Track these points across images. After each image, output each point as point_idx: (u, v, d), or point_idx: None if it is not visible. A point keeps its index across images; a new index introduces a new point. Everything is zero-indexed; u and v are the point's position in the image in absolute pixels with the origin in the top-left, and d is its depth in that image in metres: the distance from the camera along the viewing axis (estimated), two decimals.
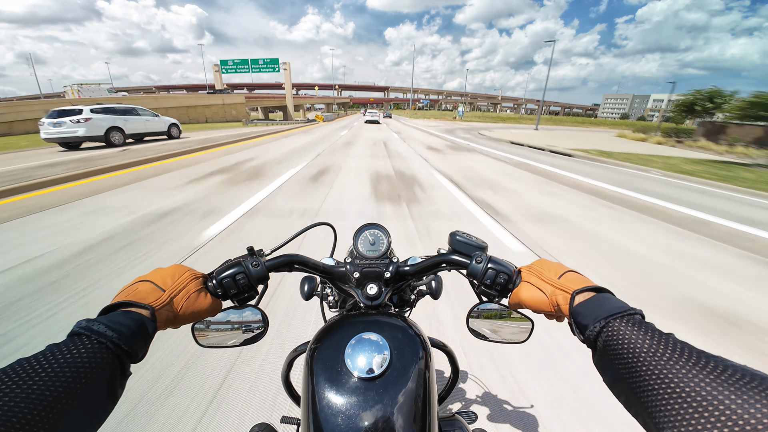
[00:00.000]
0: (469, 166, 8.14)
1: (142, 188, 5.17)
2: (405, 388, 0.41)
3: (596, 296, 0.40)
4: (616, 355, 0.33)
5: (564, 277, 0.45)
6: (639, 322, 0.34)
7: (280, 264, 0.55)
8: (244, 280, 0.50)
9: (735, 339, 2.02)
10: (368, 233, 0.66)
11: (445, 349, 0.66)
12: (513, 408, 1.45)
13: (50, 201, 4.40)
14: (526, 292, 0.47)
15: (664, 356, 0.29)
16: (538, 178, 6.95)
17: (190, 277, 0.47)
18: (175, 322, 0.44)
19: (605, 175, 7.80)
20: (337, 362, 0.43)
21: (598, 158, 10.57)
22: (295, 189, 5.32)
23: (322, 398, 0.40)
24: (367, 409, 0.38)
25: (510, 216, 4.23)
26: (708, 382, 0.25)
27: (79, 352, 0.30)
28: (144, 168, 6.86)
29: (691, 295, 2.49)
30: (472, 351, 1.77)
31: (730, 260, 3.20)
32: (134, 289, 0.42)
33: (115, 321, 0.35)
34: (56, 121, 8.58)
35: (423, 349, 0.46)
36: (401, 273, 0.59)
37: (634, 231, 3.88)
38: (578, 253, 3.17)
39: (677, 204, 5.25)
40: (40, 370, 0.28)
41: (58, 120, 8.59)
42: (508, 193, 5.51)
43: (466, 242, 0.56)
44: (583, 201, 5.20)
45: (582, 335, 0.38)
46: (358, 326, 0.48)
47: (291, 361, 0.66)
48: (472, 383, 1.57)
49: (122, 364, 0.34)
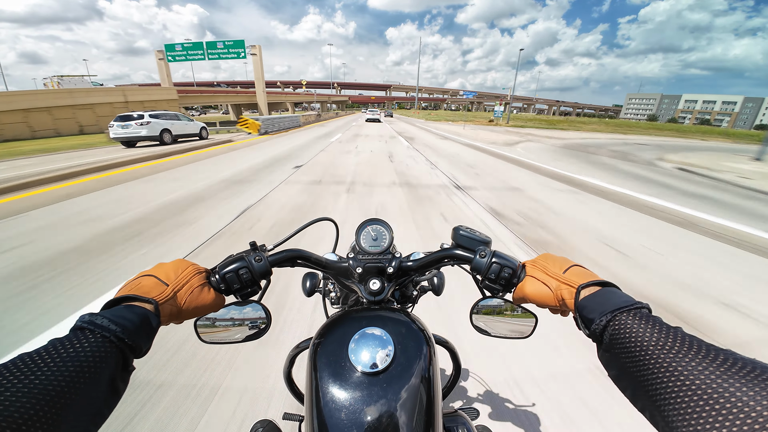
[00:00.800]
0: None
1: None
2: (409, 383, 0.41)
3: (602, 290, 0.40)
4: (622, 349, 0.33)
5: (569, 272, 0.45)
6: (646, 316, 0.34)
7: (282, 259, 0.55)
8: (247, 275, 0.50)
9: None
10: (370, 229, 0.66)
11: (447, 345, 0.66)
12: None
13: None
14: (531, 287, 0.47)
15: (672, 349, 0.29)
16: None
17: (193, 272, 0.47)
18: (178, 317, 0.44)
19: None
20: (340, 357, 0.43)
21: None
22: None
23: (326, 393, 0.40)
24: (371, 404, 0.38)
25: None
26: (718, 374, 0.25)
27: (82, 347, 0.30)
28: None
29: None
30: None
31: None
32: (137, 284, 0.42)
33: (118, 315, 0.35)
34: (124, 124, 10.99)
35: (426, 344, 0.46)
36: (404, 268, 0.59)
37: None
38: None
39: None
40: (43, 364, 0.27)
41: (126, 123, 11.01)
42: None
43: (469, 236, 0.55)
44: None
45: (588, 329, 0.38)
46: (362, 321, 0.47)
47: (293, 358, 0.66)
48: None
49: (125, 358, 0.34)
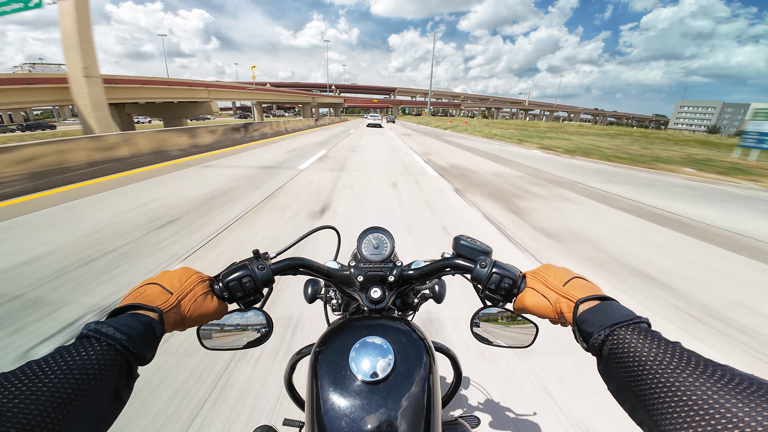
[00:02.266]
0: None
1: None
2: (409, 392, 0.41)
3: (601, 304, 0.40)
4: (621, 363, 0.33)
5: (569, 284, 0.45)
6: (645, 331, 0.34)
7: (285, 267, 0.55)
8: (250, 283, 0.50)
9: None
10: (372, 237, 0.66)
11: (448, 353, 0.66)
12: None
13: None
14: (531, 299, 0.47)
15: (671, 365, 0.29)
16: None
17: (197, 280, 0.47)
18: (182, 324, 0.45)
19: None
20: (341, 366, 0.43)
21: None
22: None
23: (327, 401, 0.40)
24: (371, 412, 0.38)
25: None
26: (715, 390, 0.25)
27: (88, 355, 0.31)
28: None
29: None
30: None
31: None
32: (142, 292, 0.42)
33: (123, 323, 0.35)
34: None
35: (427, 353, 0.46)
36: (405, 277, 0.59)
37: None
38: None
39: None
40: (50, 372, 0.28)
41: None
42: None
43: (470, 246, 0.55)
44: None
45: (586, 343, 0.38)
46: (363, 330, 0.48)
47: (294, 364, 0.66)
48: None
49: (130, 366, 0.34)
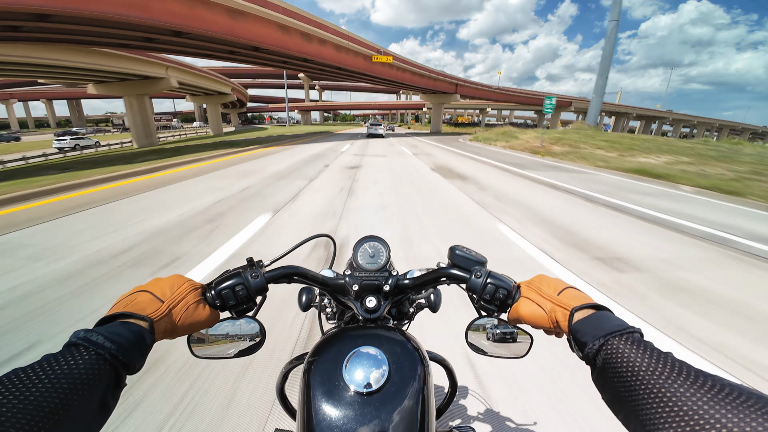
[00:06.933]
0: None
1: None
2: (403, 404, 0.40)
3: (595, 314, 0.40)
4: (615, 373, 0.33)
5: (563, 294, 0.46)
6: (638, 341, 0.34)
7: (279, 275, 0.55)
8: (243, 291, 0.50)
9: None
10: (368, 246, 0.66)
11: (444, 363, 0.65)
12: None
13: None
14: (526, 308, 0.47)
15: (662, 375, 0.29)
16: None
17: (189, 288, 0.47)
18: (172, 333, 0.44)
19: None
20: (335, 376, 0.42)
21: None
22: None
23: (319, 412, 0.40)
24: (365, 423, 0.38)
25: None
26: (705, 401, 0.26)
27: (76, 363, 0.30)
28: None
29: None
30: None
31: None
32: (132, 300, 0.42)
33: (113, 332, 0.35)
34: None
35: (421, 363, 0.46)
36: (400, 286, 0.59)
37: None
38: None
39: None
40: (37, 380, 0.27)
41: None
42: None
43: (465, 256, 0.56)
44: None
45: (581, 352, 0.38)
46: (357, 340, 0.47)
47: (287, 373, 0.65)
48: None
49: (119, 375, 0.34)
